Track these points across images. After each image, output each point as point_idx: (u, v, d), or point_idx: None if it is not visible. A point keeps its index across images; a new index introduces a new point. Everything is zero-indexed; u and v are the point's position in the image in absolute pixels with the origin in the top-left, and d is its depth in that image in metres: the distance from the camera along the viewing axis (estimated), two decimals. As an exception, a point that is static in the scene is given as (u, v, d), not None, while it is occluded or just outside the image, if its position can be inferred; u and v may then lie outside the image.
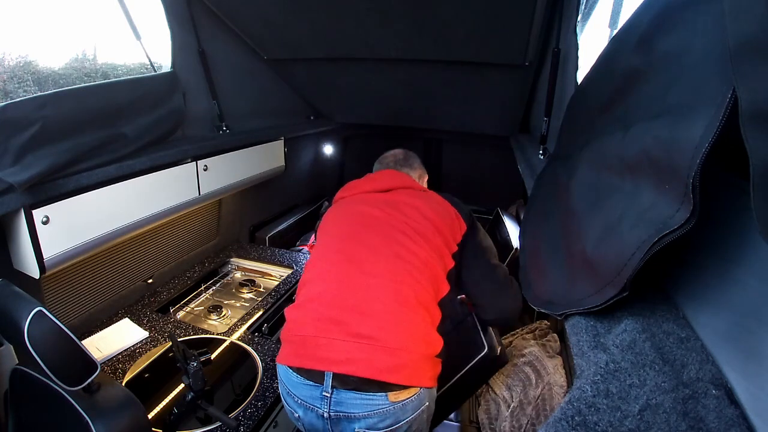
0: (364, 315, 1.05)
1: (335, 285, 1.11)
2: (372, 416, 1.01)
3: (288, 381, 1.09)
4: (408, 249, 1.14)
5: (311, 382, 1.03)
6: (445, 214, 1.25)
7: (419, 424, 1.11)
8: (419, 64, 1.88)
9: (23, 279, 1.24)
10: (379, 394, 1.00)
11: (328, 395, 1.01)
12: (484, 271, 1.25)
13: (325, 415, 1.03)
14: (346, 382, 1.00)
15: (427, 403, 1.09)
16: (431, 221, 1.21)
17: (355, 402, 1.01)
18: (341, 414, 1.02)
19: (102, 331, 1.58)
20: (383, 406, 1.01)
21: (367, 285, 1.08)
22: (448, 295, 1.18)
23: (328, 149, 3.15)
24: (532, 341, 1.59)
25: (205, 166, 1.75)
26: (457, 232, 1.24)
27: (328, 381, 1.01)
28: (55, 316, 0.86)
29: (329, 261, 1.17)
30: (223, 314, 1.83)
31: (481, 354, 1.26)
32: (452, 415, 1.70)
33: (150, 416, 1.24)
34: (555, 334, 1.56)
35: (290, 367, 1.07)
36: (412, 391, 1.03)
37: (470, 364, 1.28)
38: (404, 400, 1.02)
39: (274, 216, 2.71)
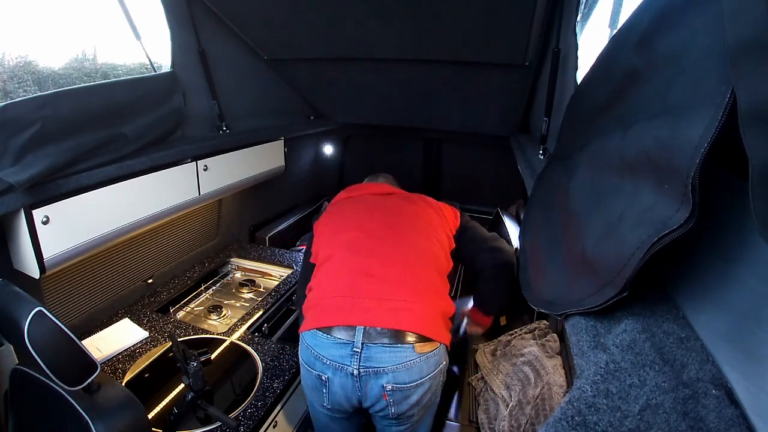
0: (387, 278, 1.17)
1: (357, 255, 1.23)
2: (399, 369, 1.08)
3: (316, 344, 1.13)
4: (419, 229, 1.33)
5: (342, 340, 1.10)
6: (442, 208, 1.47)
7: (437, 386, 1.19)
8: (419, 64, 1.88)
9: (23, 279, 1.24)
10: (406, 345, 1.09)
11: (358, 351, 1.08)
12: (477, 234, 1.45)
13: (355, 372, 1.08)
14: (374, 337, 1.08)
15: (444, 363, 1.19)
16: (431, 211, 1.41)
17: (383, 356, 1.08)
18: (370, 369, 1.08)
19: (102, 331, 1.58)
20: (410, 358, 1.08)
21: (388, 254, 1.23)
22: (451, 272, 1.34)
23: (328, 149, 3.15)
24: (532, 341, 1.59)
25: (205, 166, 1.75)
26: (453, 224, 1.43)
27: (359, 337, 1.08)
28: (55, 316, 0.86)
29: (348, 239, 1.30)
30: (223, 314, 1.83)
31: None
32: (452, 415, 1.70)
33: (150, 416, 1.24)
34: (554, 334, 1.56)
35: (319, 330, 1.13)
36: (435, 344, 1.13)
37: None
38: (428, 352, 1.11)
39: (274, 216, 2.71)
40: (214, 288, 2.06)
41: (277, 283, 2.02)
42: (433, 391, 1.17)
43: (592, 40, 1.29)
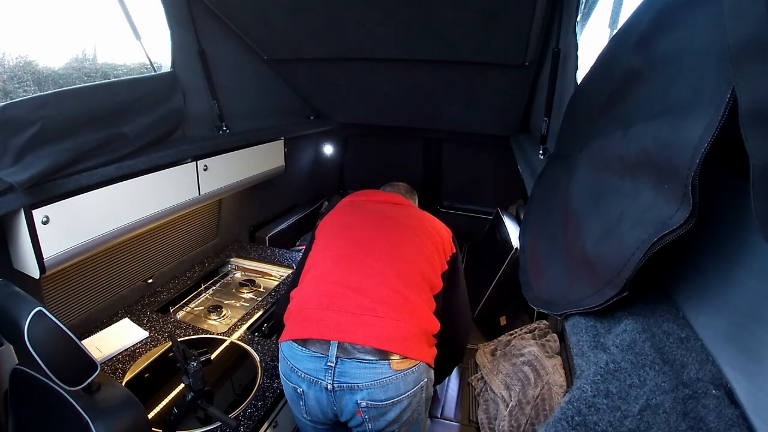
0: (368, 292, 1.13)
1: (341, 267, 1.19)
2: (374, 386, 1.05)
3: (292, 356, 1.11)
4: (410, 245, 1.26)
5: (316, 354, 1.07)
6: (441, 230, 1.39)
7: (418, 403, 1.14)
8: (419, 64, 1.88)
9: (23, 279, 1.24)
10: (382, 362, 1.05)
11: (333, 365, 1.05)
12: (463, 297, 1.40)
13: (329, 387, 1.06)
14: (349, 351, 1.05)
15: (426, 380, 1.14)
16: (430, 231, 1.34)
17: (358, 371, 1.05)
18: (344, 385, 1.05)
19: (102, 331, 1.58)
20: (386, 375, 1.05)
21: (372, 267, 1.18)
22: (440, 292, 1.27)
23: (328, 149, 3.15)
24: (532, 341, 1.59)
25: (205, 166, 1.75)
26: (448, 248, 1.37)
27: (333, 351, 1.05)
28: (55, 316, 0.86)
29: (336, 247, 1.26)
30: (223, 314, 1.83)
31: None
32: (452, 415, 1.70)
33: (150, 416, 1.24)
34: (554, 334, 1.56)
35: (295, 342, 1.10)
36: (413, 361, 1.09)
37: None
38: (406, 369, 1.07)
39: (274, 216, 2.71)
40: (214, 288, 2.06)
41: (277, 283, 2.02)
42: (414, 408, 1.14)
43: (592, 40, 1.29)
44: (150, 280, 1.84)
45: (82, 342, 0.90)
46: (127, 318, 1.67)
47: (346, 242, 1.26)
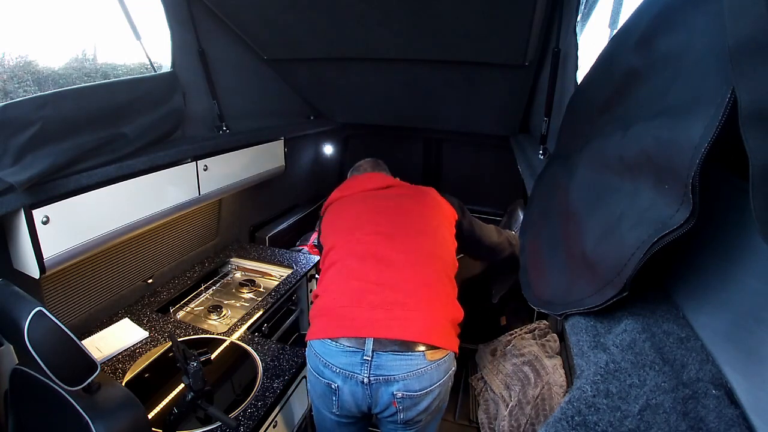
0: (396, 286, 1.15)
1: (367, 263, 1.21)
2: (410, 377, 1.08)
3: (325, 352, 1.12)
4: (425, 231, 1.29)
5: (351, 348, 1.09)
6: (440, 203, 1.42)
7: (445, 392, 1.18)
8: (419, 64, 1.88)
9: (23, 279, 1.24)
10: (417, 353, 1.08)
11: (369, 359, 1.07)
12: (489, 241, 1.52)
13: (365, 380, 1.08)
14: (384, 345, 1.08)
15: (453, 368, 1.18)
16: (434, 209, 1.37)
17: (394, 363, 1.07)
18: (381, 377, 1.08)
19: (102, 331, 1.58)
20: (421, 366, 1.08)
21: (396, 261, 1.20)
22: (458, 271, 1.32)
23: (328, 149, 3.15)
24: (532, 341, 1.59)
25: (205, 166, 1.75)
26: (452, 217, 1.41)
27: (369, 345, 1.08)
28: (55, 316, 0.86)
29: (355, 244, 1.27)
30: (223, 314, 1.83)
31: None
32: (452, 415, 1.70)
33: (150, 416, 1.24)
34: (554, 334, 1.56)
35: (328, 339, 1.12)
36: (445, 351, 1.12)
37: None
38: (439, 359, 1.10)
39: (274, 216, 2.71)
40: (214, 288, 2.06)
41: (277, 283, 2.02)
42: (441, 398, 1.17)
43: (592, 40, 1.29)
44: (150, 280, 1.84)
45: (82, 342, 0.90)
46: (127, 318, 1.67)
47: (365, 237, 1.28)
